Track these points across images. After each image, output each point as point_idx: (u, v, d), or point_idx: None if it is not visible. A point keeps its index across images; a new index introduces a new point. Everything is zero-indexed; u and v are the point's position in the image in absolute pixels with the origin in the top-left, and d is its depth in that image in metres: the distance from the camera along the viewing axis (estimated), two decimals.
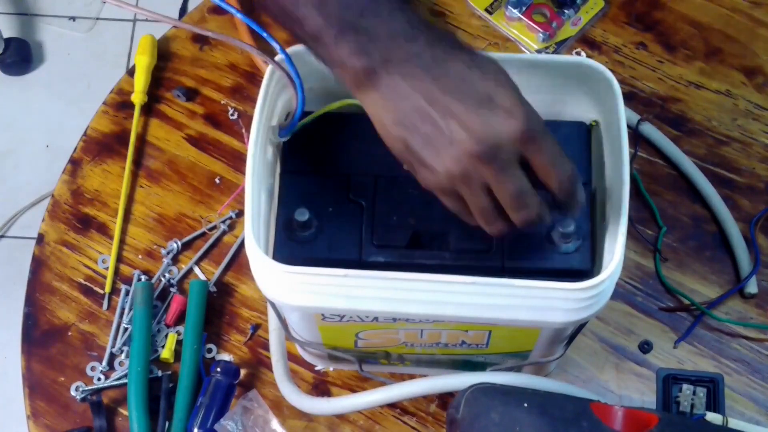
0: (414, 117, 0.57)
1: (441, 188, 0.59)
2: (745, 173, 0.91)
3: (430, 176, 0.58)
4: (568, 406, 0.63)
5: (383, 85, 0.57)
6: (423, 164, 0.58)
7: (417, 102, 0.56)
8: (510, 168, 0.57)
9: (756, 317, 0.86)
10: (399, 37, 0.57)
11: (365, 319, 0.66)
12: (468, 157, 0.56)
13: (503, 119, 0.56)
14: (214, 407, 0.80)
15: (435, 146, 0.56)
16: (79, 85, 1.82)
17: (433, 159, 0.57)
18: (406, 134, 0.57)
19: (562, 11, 0.97)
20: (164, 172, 0.93)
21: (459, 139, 0.56)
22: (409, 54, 0.57)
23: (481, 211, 0.59)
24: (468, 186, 0.57)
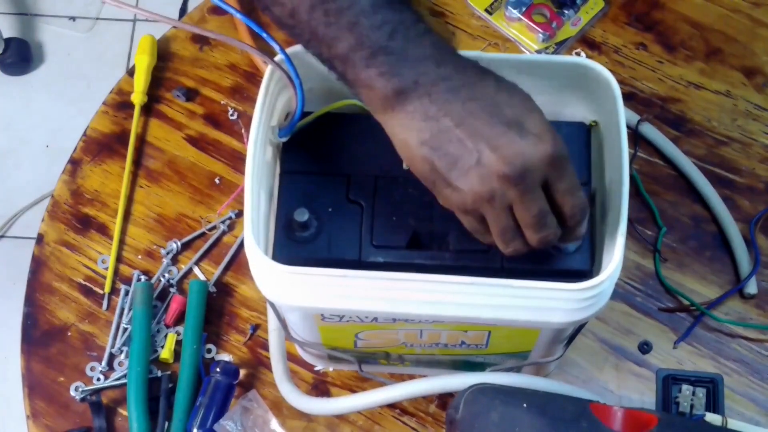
0: (442, 138, 0.57)
1: (464, 208, 0.60)
2: (745, 173, 0.91)
3: (455, 196, 0.59)
4: (568, 407, 0.63)
5: (411, 106, 0.58)
6: (448, 184, 0.59)
7: (445, 124, 0.57)
8: (535, 190, 0.58)
9: (756, 318, 0.86)
10: (429, 60, 0.58)
11: (365, 319, 0.66)
12: (497, 178, 0.57)
13: (534, 144, 0.57)
14: (213, 407, 0.80)
15: (463, 167, 0.57)
16: (79, 85, 1.82)
17: (459, 179, 0.58)
18: (433, 155, 0.58)
19: (562, 11, 0.97)
20: (164, 172, 0.93)
21: (489, 161, 0.57)
22: (438, 77, 0.57)
23: (502, 230, 0.60)
24: (492, 206, 0.59)
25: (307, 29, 0.59)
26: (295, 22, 0.59)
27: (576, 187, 0.60)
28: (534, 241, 0.61)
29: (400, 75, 0.57)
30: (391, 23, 0.57)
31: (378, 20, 0.57)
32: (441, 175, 0.58)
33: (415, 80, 0.57)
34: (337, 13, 0.57)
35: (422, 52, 0.58)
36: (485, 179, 0.57)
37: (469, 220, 0.61)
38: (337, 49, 0.58)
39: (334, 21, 0.57)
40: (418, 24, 0.58)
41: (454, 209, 0.61)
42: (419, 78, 0.57)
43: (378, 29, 0.57)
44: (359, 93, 0.60)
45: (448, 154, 0.58)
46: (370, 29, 0.57)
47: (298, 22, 0.59)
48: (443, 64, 0.58)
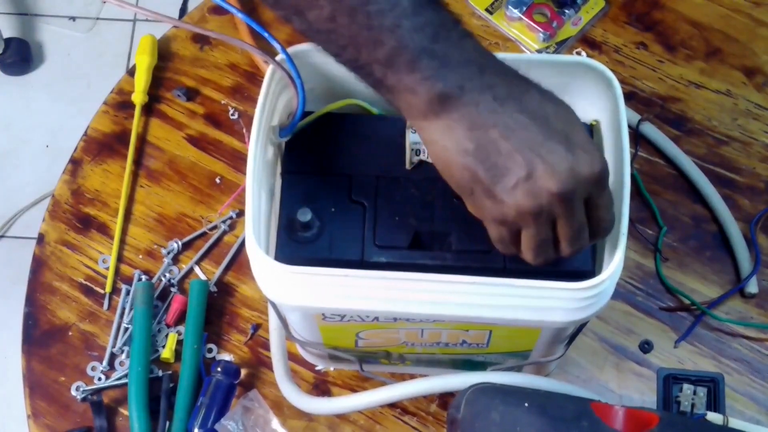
0: (489, 148, 0.56)
1: (503, 220, 0.58)
2: (745, 173, 0.91)
3: (496, 207, 0.58)
4: (569, 406, 0.63)
5: (456, 113, 0.56)
6: (490, 195, 0.57)
7: (492, 134, 0.56)
8: (579, 207, 0.58)
9: (756, 317, 0.86)
10: (472, 65, 0.56)
11: (366, 319, 0.66)
12: (548, 194, 0.56)
13: (585, 161, 0.56)
14: (214, 407, 0.80)
15: (510, 180, 0.56)
16: (79, 85, 1.82)
17: (505, 192, 0.56)
18: (477, 165, 0.56)
19: (562, 11, 0.97)
20: (164, 172, 0.93)
21: (540, 175, 0.56)
22: (483, 84, 0.56)
23: (540, 243, 0.60)
24: (537, 221, 0.58)
25: (345, 33, 0.56)
26: (334, 26, 0.56)
27: (612, 203, 0.61)
28: (567, 253, 0.61)
29: (445, 80, 0.55)
30: (433, 25, 0.55)
31: (420, 22, 0.55)
32: (484, 185, 0.57)
33: (460, 86, 0.55)
34: (379, 15, 0.55)
35: (466, 56, 0.56)
36: (535, 195, 0.56)
37: (501, 232, 0.60)
38: (377, 53, 0.55)
39: (376, 23, 0.55)
40: (457, 26, 0.57)
41: (489, 219, 0.59)
42: (464, 84, 0.55)
43: (421, 31, 0.55)
44: (398, 98, 0.57)
45: (496, 166, 0.56)
46: (413, 31, 0.55)
47: (336, 26, 0.56)
48: (487, 70, 0.56)
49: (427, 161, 0.68)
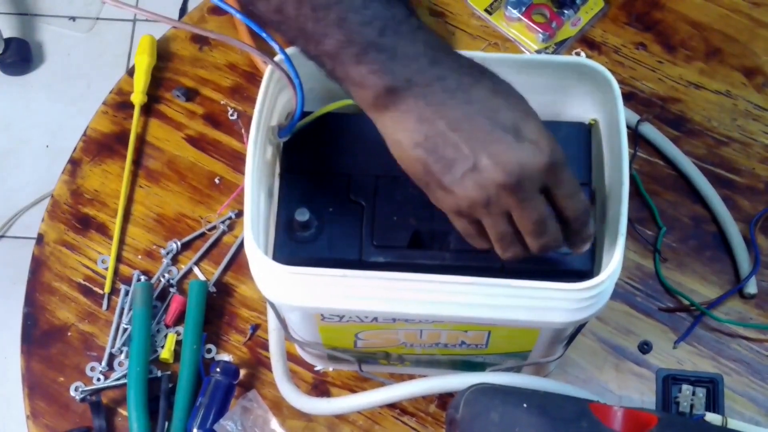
0: (436, 140, 0.56)
1: (458, 211, 0.59)
2: (745, 173, 0.91)
3: (448, 199, 0.58)
4: (568, 407, 0.63)
5: (404, 106, 0.57)
6: (441, 187, 0.58)
7: (440, 126, 0.56)
8: (533, 197, 0.58)
9: (756, 317, 0.86)
10: (422, 58, 0.56)
11: (365, 319, 0.66)
12: (493, 185, 0.56)
13: (531, 151, 0.56)
14: (213, 407, 0.80)
15: (457, 172, 0.57)
16: (79, 85, 1.82)
17: (454, 183, 0.57)
18: (427, 157, 0.57)
19: (561, 11, 0.97)
20: (164, 172, 0.93)
21: (485, 167, 0.56)
22: (432, 77, 0.56)
23: (499, 236, 0.60)
24: (488, 212, 0.58)
25: (294, 25, 0.57)
26: (282, 18, 0.58)
27: (575, 189, 0.60)
28: (535, 248, 0.60)
29: (392, 73, 0.56)
30: (382, 19, 0.56)
31: (368, 16, 0.56)
32: (435, 177, 0.58)
33: (408, 78, 0.56)
34: (326, 8, 0.56)
35: (415, 50, 0.56)
36: (481, 186, 0.57)
37: (462, 224, 0.61)
38: (325, 46, 0.56)
39: (323, 16, 0.56)
40: (410, 19, 0.57)
41: (447, 211, 0.60)
42: (413, 77, 0.56)
43: (368, 25, 0.56)
44: (350, 90, 0.58)
45: (443, 158, 0.57)
46: (360, 25, 0.56)
47: (285, 18, 0.57)
48: (437, 63, 0.57)
49: None
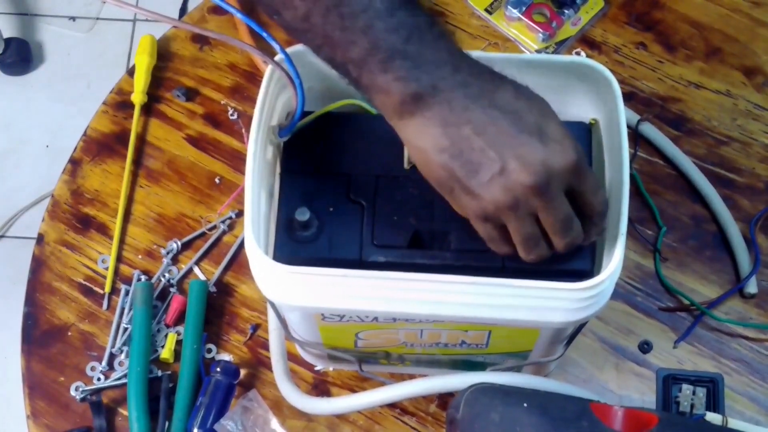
0: (462, 145, 0.57)
1: (484, 216, 0.60)
2: (745, 173, 0.91)
3: (474, 204, 0.59)
4: (568, 406, 0.63)
5: (429, 112, 0.57)
6: (468, 192, 0.58)
7: (465, 131, 0.57)
8: (559, 197, 0.59)
9: (756, 317, 0.86)
10: (446, 65, 0.57)
11: (365, 319, 0.66)
12: (521, 187, 0.57)
13: (558, 153, 0.57)
14: (213, 407, 0.80)
15: (485, 176, 0.57)
16: (79, 85, 1.82)
17: (481, 188, 0.58)
18: (453, 163, 0.58)
19: (562, 11, 0.97)
20: (164, 172, 0.93)
21: (513, 170, 0.57)
22: (456, 83, 0.57)
23: (526, 238, 0.60)
24: (516, 215, 0.59)
25: (320, 33, 0.58)
26: (309, 26, 0.58)
27: (597, 185, 0.62)
28: (560, 246, 0.61)
29: (417, 80, 0.57)
30: (407, 27, 0.57)
31: (393, 23, 0.56)
32: (461, 182, 0.58)
33: (433, 85, 0.57)
34: (352, 17, 0.56)
35: (439, 57, 0.57)
36: (509, 188, 0.57)
37: (486, 228, 0.61)
38: (351, 54, 0.57)
39: (350, 24, 0.56)
40: (433, 28, 0.58)
41: (472, 217, 0.60)
42: (438, 83, 0.57)
43: (394, 32, 0.56)
44: (374, 98, 0.59)
45: (470, 162, 0.57)
46: (386, 32, 0.56)
47: (311, 26, 0.58)
48: (460, 70, 0.57)
49: None
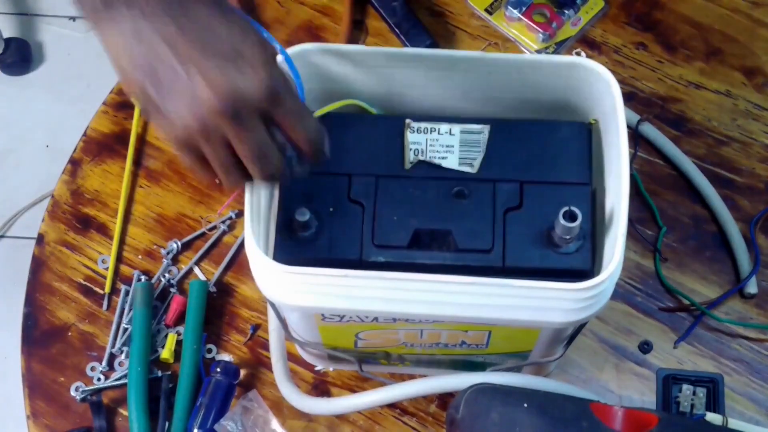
0: (155, 62, 0.54)
1: (178, 140, 0.57)
2: (745, 173, 0.91)
3: (168, 126, 0.56)
4: (568, 407, 0.63)
5: (122, 19, 0.54)
6: (160, 113, 0.55)
7: (159, 47, 0.54)
8: (250, 125, 0.56)
9: (756, 317, 0.86)
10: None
11: (365, 319, 0.66)
12: (209, 112, 0.54)
13: (249, 77, 0.55)
14: (214, 407, 0.80)
15: (174, 97, 0.54)
16: (79, 85, 1.82)
17: (171, 110, 0.55)
18: (145, 79, 0.54)
19: (562, 11, 0.97)
20: (164, 172, 0.93)
21: (201, 93, 0.54)
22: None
23: (220, 165, 0.58)
24: (207, 140, 0.56)
25: None
26: None
27: (301, 111, 0.59)
28: (257, 175, 0.59)
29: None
30: None
31: None
32: (153, 102, 0.55)
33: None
34: None
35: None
36: (198, 113, 0.54)
37: (186, 154, 0.58)
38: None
39: None
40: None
41: (170, 143, 0.57)
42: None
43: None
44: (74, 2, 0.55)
45: (161, 81, 0.54)
46: None
47: None
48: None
49: (426, 161, 0.68)
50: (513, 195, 0.67)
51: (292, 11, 0.99)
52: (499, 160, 0.68)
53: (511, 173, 0.68)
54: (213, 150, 0.57)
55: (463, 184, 0.67)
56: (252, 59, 0.55)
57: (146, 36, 0.54)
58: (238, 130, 0.56)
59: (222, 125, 0.55)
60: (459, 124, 0.69)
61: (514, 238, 0.65)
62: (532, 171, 0.68)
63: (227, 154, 0.57)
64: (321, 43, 0.70)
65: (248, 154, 0.57)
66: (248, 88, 0.55)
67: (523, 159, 0.68)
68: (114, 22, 0.54)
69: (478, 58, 0.70)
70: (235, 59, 0.55)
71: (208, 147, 0.57)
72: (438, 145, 0.68)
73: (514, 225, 0.66)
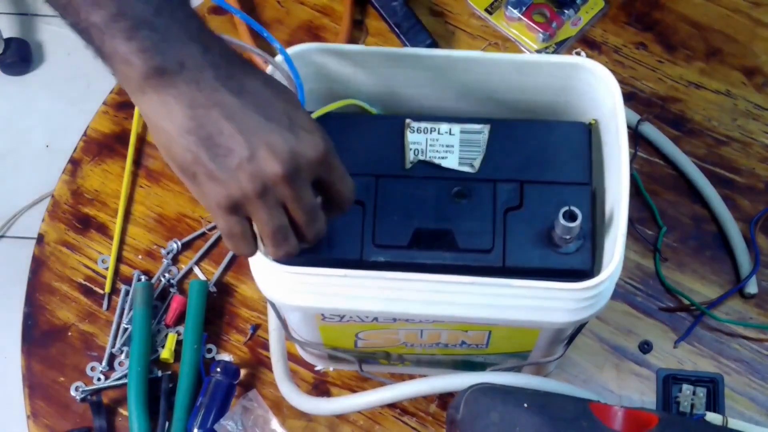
0: (211, 128, 0.55)
1: (229, 205, 0.57)
2: (745, 173, 0.91)
3: (220, 191, 0.56)
4: (568, 406, 0.63)
5: (175, 90, 0.54)
6: (213, 178, 0.56)
7: (213, 113, 0.55)
8: (306, 188, 0.58)
9: (756, 317, 0.86)
10: (196, 43, 0.55)
11: (365, 319, 0.66)
12: (270, 175, 0.55)
13: (308, 142, 0.57)
14: (214, 407, 0.80)
15: (233, 162, 0.55)
16: (79, 85, 1.82)
17: (228, 174, 0.55)
18: (198, 146, 0.55)
19: (562, 11, 0.97)
20: (164, 172, 0.93)
21: (262, 156, 0.55)
22: (206, 62, 0.55)
23: (275, 229, 0.58)
24: (263, 204, 0.57)
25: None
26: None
27: (345, 174, 0.61)
28: (311, 236, 0.60)
29: (163, 54, 0.54)
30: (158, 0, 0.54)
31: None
32: (206, 168, 0.55)
33: (180, 62, 0.54)
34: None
35: (189, 34, 0.55)
36: (258, 176, 0.55)
37: (230, 222, 0.58)
38: (95, 17, 0.54)
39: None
40: (185, 6, 0.56)
41: (215, 207, 0.57)
42: (186, 60, 0.54)
43: (143, 2, 0.54)
44: (116, 69, 0.55)
45: (217, 147, 0.55)
46: (135, 1, 0.53)
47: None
48: (211, 50, 0.55)
49: (426, 161, 0.68)
50: (513, 195, 0.67)
51: (292, 11, 0.99)
52: (499, 160, 0.68)
53: (511, 173, 0.68)
54: (269, 214, 0.57)
55: (463, 184, 0.67)
56: (306, 125, 0.57)
57: (203, 105, 0.55)
58: (296, 193, 0.57)
59: (281, 189, 0.56)
60: (459, 124, 0.69)
61: (514, 238, 0.65)
62: (532, 171, 0.68)
63: (283, 218, 0.58)
64: (321, 43, 0.71)
65: (304, 217, 0.59)
66: (308, 152, 0.57)
67: (523, 159, 0.68)
68: (166, 91, 0.55)
69: (478, 58, 0.70)
70: (291, 125, 0.56)
71: (264, 212, 0.57)
72: (438, 145, 0.68)
73: (514, 225, 0.66)
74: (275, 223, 0.58)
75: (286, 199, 0.57)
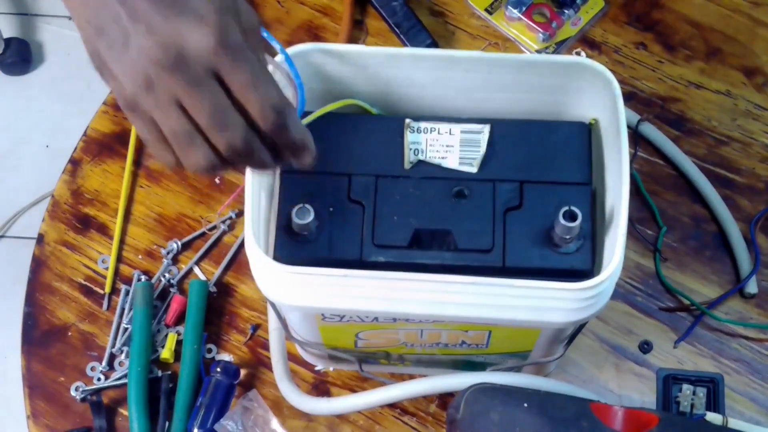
0: (104, 17, 0.50)
1: (127, 103, 0.51)
2: (745, 173, 0.91)
3: (116, 88, 0.51)
4: (568, 406, 0.63)
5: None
6: (110, 73, 0.51)
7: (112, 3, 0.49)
8: (205, 83, 0.50)
9: (756, 317, 0.86)
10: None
11: (365, 319, 0.66)
12: (150, 64, 0.49)
13: (195, 26, 0.49)
14: (214, 407, 0.80)
15: (119, 52, 0.49)
16: (79, 85, 1.82)
17: (116, 66, 0.50)
18: (95, 36, 0.50)
19: (562, 11, 0.97)
20: (164, 172, 0.93)
21: (142, 43, 0.49)
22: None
23: (173, 134, 0.51)
24: (155, 100, 0.50)
25: None
26: None
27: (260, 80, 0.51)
28: (222, 146, 0.52)
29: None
30: None
31: None
32: (104, 61, 0.51)
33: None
34: None
35: None
36: (139, 66, 0.49)
37: (139, 123, 0.52)
38: None
39: None
40: None
41: (123, 108, 0.52)
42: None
43: None
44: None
45: (109, 36, 0.50)
46: None
47: None
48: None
49: (426, 161, 0.68)
50: (513, 195, 0.67)
51: (292, 11, 0.99)
52: (499, 160, 0.68)
53: (511, 173, 0.68)
54: (162, 112, 0.51)
55: (463, 184, 0.67)
56: (201, 8, 0.49)
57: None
58: (189, 88, 0.50)
59: (168, 81, 0.49)
60: (459, 123, 0.69)
61: (514, 237, 0.65)
62: (532, 171, 0.68)
63: (181, 119, 0.51)
64: (321, 43, 0.71)
65: (204, 117, 0.51)
66: (195, 37, 0.49)
67: (523, 159, 0.68)
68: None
69: (478, 58, 0.70)
70: (182, 6, 0.49)
71: (158, 111, 0.51)
72: (438, 145, 0.69)
73: (514, 225, 0.66)
74: (171, 124, 0.51)
75: (179, 94, 0.50)
